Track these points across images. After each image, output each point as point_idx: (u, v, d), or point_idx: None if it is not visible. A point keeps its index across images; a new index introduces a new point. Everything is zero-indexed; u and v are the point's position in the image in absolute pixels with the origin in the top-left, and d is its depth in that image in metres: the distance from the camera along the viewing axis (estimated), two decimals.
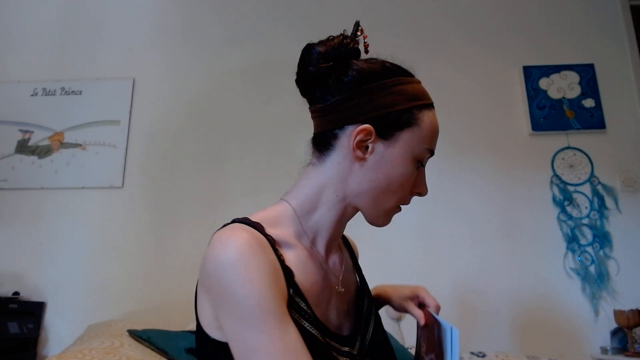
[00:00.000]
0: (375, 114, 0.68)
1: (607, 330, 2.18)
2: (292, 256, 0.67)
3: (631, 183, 2.39)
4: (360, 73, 0.70)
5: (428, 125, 0.71)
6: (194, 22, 2.76)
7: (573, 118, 2.48)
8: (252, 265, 0.57)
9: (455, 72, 2.61)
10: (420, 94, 0.72)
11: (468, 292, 2.28)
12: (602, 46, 2.61)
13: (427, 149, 0.71)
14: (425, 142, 0.70)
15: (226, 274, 0.56)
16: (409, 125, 0.69)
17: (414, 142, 0.69)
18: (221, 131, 2.56)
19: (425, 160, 0.73)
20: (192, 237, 2.35)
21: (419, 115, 0.70)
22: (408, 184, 0.70)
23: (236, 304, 0.56)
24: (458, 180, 2.44)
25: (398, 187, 0.69)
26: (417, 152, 0.70)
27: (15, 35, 2.75)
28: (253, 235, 0.61)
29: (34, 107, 2.60)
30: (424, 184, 0.73)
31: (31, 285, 2.31)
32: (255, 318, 0.55)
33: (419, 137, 0.70)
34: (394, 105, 0.69)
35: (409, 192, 0.72)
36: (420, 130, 0.70)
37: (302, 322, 0.61)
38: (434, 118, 0.73)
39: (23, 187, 2.47)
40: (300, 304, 0.63)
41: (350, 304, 0.77)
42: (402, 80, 0.71)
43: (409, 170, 0.70)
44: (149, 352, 1.64)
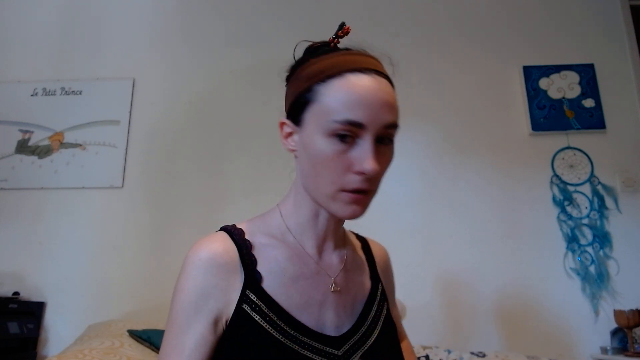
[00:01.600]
0: (287, 105, 0.71)
1: (607, 330, 2.18)
2: (273, 258, 0.70)
3: (631, 183, 2.39)
4: (290, 68, 0.72)
5: (333, 94, 0.64)
6: (194, 22, 2.76)
7: (573, 118, 2.48)
8: (192, 279, 0.66)
9: (456, 72, 2.61)
10: (327, 66, 0.66)
11: (468, 292, 2.28)
12: (602, 46, 2.61)
13: (338, 121, 0.62)
14: (332, 114, 0.63)
15: (178, 279, 0.68)
16: (308, 104, 0.66)
17: (319, 118, 0.64)
18: (221, 131, 2.56)
19: (347, 132, 0.63)
20: (192, 237, 2.33)
21: (319, 89, 0.65)
22: (332, 163, 0.63)
23: (172, 302, 0.67)
24: (458, 180, 2.44)
25: (322, 168, 0.64)
26: (327, 127, 0.63)
27: (15, 35, 2.75)
28: (216, 253, 0.67)
29: (34, 107, 2.60)
30: (365, 159, 0.62)
31: (31, 285, 2.32)
32: (171, 322, 0.66)
33: (322, 111, 0.64)
34: (297, 90, 0.68)
35: (343, 171, 0.63)
36: (321, 104, 0.64)
37: (264, 324, 0.64)
38: (348, 84, 0.64)
39: (23, 187, 2.47)
40: (262, 307, 0.65)
41: (356, 306, 0.75)
42: (313, 61, 0.68)
43: (326, 149, 0.63)
44: (149, 352, 1.64)
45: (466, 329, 2.24)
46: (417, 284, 2.25)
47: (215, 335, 0.65)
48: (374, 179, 0.65)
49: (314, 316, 0.69)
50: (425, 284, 2.28)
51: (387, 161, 0.67)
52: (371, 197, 0.67)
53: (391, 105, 0.65)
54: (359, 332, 0.72)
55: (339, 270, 0.75)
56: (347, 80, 0.64)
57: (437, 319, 2.25)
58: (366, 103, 0.63)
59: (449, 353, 1.93)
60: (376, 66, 0.68)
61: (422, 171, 2.47)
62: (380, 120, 0.63)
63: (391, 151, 0.68)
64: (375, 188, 0.67)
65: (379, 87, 0.64)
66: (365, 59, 0.68)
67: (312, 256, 0.73)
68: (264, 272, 0.68)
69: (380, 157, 0.65)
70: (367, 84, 0.64)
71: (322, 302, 0.70)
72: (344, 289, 0.74)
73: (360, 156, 0.63)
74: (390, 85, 0.68)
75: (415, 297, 2.11)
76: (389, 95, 0.65)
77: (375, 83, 0.65)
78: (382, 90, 0.65)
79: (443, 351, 1.94)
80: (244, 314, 0.65)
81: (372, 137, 0.63)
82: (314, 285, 0.70)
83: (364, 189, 0.64)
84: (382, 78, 0.67)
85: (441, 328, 2.24)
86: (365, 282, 0.79)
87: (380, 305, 0.79)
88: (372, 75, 0.65)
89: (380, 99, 0.64)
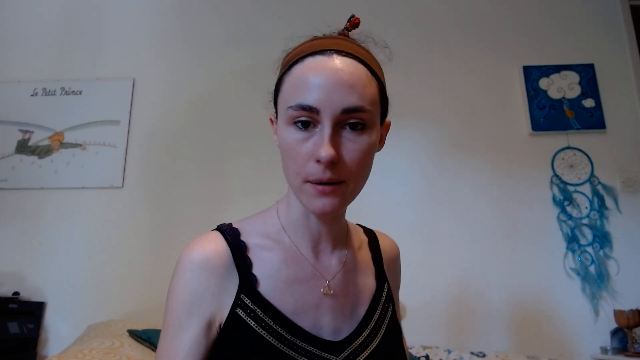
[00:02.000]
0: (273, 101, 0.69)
1: (607, 330, 2.18)
2: (268, 260, 0.67)
3: (631, 183, 2.39)
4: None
5: (290, 81, 0.62)
6: (194, 22, 2.76)
7: (573, 118, 2.48)
8: (184, 282, 0.64)
9: (456, 72, 2.61)
10: (294, 54, 0.65)
11: (468, 291, 2.28)
12: (602, 46, 2.61)
13: (292, 107, 0.60)
14: (288, 100, 0.61)
15: (171, 280, 0.66)
16: (277, 96, 0.66)
17: (281, 108, 0.63)
18: (221, 131, 2.56)
19: (303, 118, 0.59)
20: (192, 237, 2.31)
21: (284, 78, 0.64)
22: (294, 153, 0.60)
23: (166, 304, 0.66)
24: (458, 180, 2.44)
25: (288, 159, 0.61)
26: (286, 115, 0.61)
27: (15, 35, 2.75)
28: (208, 255, 0.65)
29: (34, 107, 2.60)
30: (320, 144, 0.58)
31: (31, 285, 2.32)
32: (165, 324, 0.65)
33: (283, 100, 0.63)
34: (275, 85, 0.67)
35: (305, 160, 0.59)
36: (283, 92, 0.63)
37: (260, 330, 0.63)
38: (304, 68, 0.61)
39: (23, 187, 2.47)
40: (257, 312, 0.64)
41: (356, 309, 0.71)
42: (290, 52, 0.67)
43: (287, 138, 0.61)
44: (149, 352, 1.64)
45: (466, 329, 2.24)
46: (417, 284, 2.24)
47: (208, 338, 0.64)
48: (342, 169, 0.59)
49: (310, 321, 0.66)
50: (425, 284, 2.28)
51: (358, 149, 0.60)
52: (346, 190, 0.61)
53: (350, 86, 0.58)
54: (361, 336, 0.69)
55: (336, 272, 0.71)
56: (304, 64, 0.61)
57: (437, 319, 2.25)
58: (319, 85, 0.58)
59: (449, 353, 1.93)
60: (341, 46, 0.62)
61: (422, 171, 2.47)
62: (336, 102, 0.58)
63: (364, 140, 0.60)
64: (347, 179, 0.60)
65: (335, 67, 0.59)
66: (331, 41, 0.63)
67: (307, 258, 0.70)
68: (259, 275, 0.66)
69: (346, 144, 0.59)
70: (322, 65, 0.59)
71: (318, 306, 0.67)
72: (343, 292, 0.71)
73: (318, 143, 0.58)
74: (360, 65, 0.61)
75: (415, 297, 2.11)
76: (349, 75, 0.59)
77: (332, 63, 0.60)
78: (340, 70, 0.59)
79: (443, 351, 1.94)
80: (238, 318, 0.63)
81: (329, 121, 0.58)
82: (309, 288, 0.68)
83: (329, 180, 0.58)
84: (347, 58, 0.61)
85: (441, 328, 2.24)
86: (368, 283, 0.75)
87: (385, 306, 0.75)
88: (331, 56, 0.60)
89: (335, 80, 0.58)
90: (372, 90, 0.61)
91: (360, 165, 0.60)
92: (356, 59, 0.62)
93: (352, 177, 0.60)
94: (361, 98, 0.59)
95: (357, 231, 0.81)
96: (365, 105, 0.59)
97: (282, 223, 0.71)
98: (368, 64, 0.63)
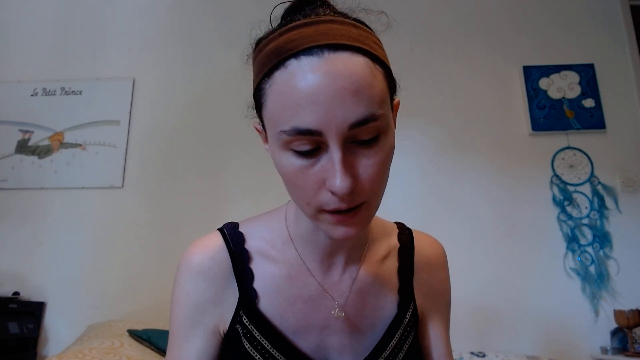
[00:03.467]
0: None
1: (607, 330, 2.18)
2: (270, 274, 0.61)
3: (631, 183, 2.39)
4: (254, 45, 0.58)
5: (276, 96, 0.47)
6: (194, 22, 2.76)
7: (573, 118, 2.48)
8: (184, 291, 0.61)
9: (456, 72, 2.61)
10: (271, 52, 0.49)
11: (467, 291, 2.28)
12: (602, 46, 2.61)
13: (286, 131, 0.46)
14: (279, 123, 0.47)
15: (173, 285, 0.63)
16: (260, 109, 0.52)
17: (270, 128, 0.50)
18: (221, 131, 2.56)
19: (302, 143, 0.47)
20: (192, 237, 2.32)
21: (265, 88, 0.49)
22: (299, 182, 0.49)
23: (170, 313, 0.63)
24: (458, 180, 2.44)
25: (292, 186, 0.50)
26: (279, 139, 0.48)
27: (15, 35, 2.75)
28: (207, 265, 0.61)
29: (34, 107, 2.60)
30: (332, 175, 0.46)
31: (31, 285, 2.31)
32: (170, 333, 0.62)
33: (271, 119, 0.49)
34: (253, 85, 0.53)
35: (315, 189, 0.48)
36: (268, 109, 0.49)
37: (254, 353, 0.58)
38: (290, 78, 0.46)
39: (23, 187, 2.47)
40: (254, 333, 0.59)
41: (370, 332, 0.63)
42: (264, 43, 0.52)
43: (287, 164, 0.49)
44: (149, 352, 1.64)
45: (466, 329, 2.24)
46: None
47: (215, 346, 0.61)
48: (361, 190, 0.48)
49: (313, 341, 0.60)
50: None
51: (375, 163, 0.49)
52: (366, 211, 0.51)
53: (354, 93, 0.45)
54: None
55: (347, 291, 0.62)
56: (288, 72, 0.46)
57: None
58: (315, 100, 0.44)
59: None
60: (330, 35, 0.47)
61: (422, 171, 2.47)
62: (341, 118, 0.45)
63: (381, 149, 0.49)
64: (367, 198, 0.50)
65: (331, 72, 0.45)
66: (315, 29, 0.47)
67: (315, 274, 0.62)
68: (260, 289, 0.61)
69: (362, 161, 0.48)
70: (313, 72, 0.45)
71: (324, 328, 0.61)
72: (355, 313, 0.62)
73: (328, 170, 0.47)
74: (359, 58, 0.47)
75: None
76: (350, 79, 0.45)
77: (325, 67, 0.45)
78: (337, 74, 0.45)
79: None
80: (236, 335, 0.60)
81: (336, 142, 0.46)
82: (313, 308, 0.61)
83: (346, 208, 0.48)
84: (343, 53, 0.46)
85: None
86: (387, 303, 0.65)
87: (407, 330, 0.65)
88: (321, 55, 0.46)
89: (335, 90, 0.44)
90: (380, 85, 0.48)
91: (379, 180, 0.50)
92: (354, 49, 0.47)
93: (373, 195, 0.50)
94: (370, 104, 0.46)
95: (388, 235, 0.71)
96: (377, 111, 0.47)
97: (289, 233, 0.63)
98: (369, 50, 0.48)
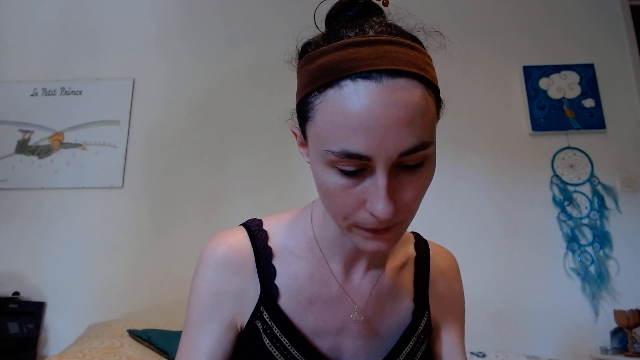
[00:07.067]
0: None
1: (607, 330, 2.18)
2: (292, 272, 0.62)
3: (631, 183, 2.39)
4: (299, 52, 0.57)
5: (326, 115, 0.47)
6: (194, 21, 2.76)
7: (573, 118, 2.48)
8: (206, 281, 0.61)
9: (456, 72, 2.61)
10: (324, 67, 0.48)
11: (467, 291, 2.27)
12: (602, 46, 2.61)
13: (334, 152, 0.46)
14: (326, 142, 0.47)
15: (194, 276, 0.63)
16: (305, 121, 0.51)
17: (316, 143, 0.49)
18: (221, 131, 2.56)
19: (348, 165, 0.47)
20: (192, 237, 2.34)
21: (314, 102, 0.48)
22: (339, 199, 0.49)
23: (188, 302, 0.63)
24: (458, 180, 2.44)
25: (330, 200, 0.51)
26: (324, 157, 0.48)
27: (15, 35, 2.75)
28: (232, 258, 0.61)
29: (34, 107, 2.60)
30: (375, 200, 0.47)
31: (31, 285, 2.31)
32: (186, 322, 0.62)
33: (317, 135, 0.49)
34: (298, 95, 0.53)
35: (355, 207, 0.49)
36: (316, 125, 0.48)
37: (273, 350, 0.59)
38: (343, 100, 0.45)
39: (23, 187, 2.47)
40: (274, 330, 0.59)
41: (385, 338, 0.64)
42: (313, 54, 0.51)
43: (328, 181, 0.49)
44: (149, 352, 1.64)
45: (466, 329, 2.23)
46: None
47: (230, 341, 0.61)
48: (399, 212, 0.49)
49: (329, 343, 0.61)
50: None
51: (417, 187, 0.50)
52: (401, 227, 0.52)
53: (408, 124, 0.45)
54: None
55: (366, 295, 0.63)
56: (343, 93, 0.46)
57: None
58: (368, 127, 0.44)
59: None
60: (389, 59, 0.46)
61: None
62: (393, 147, 0.45)
63: (424, 174, 0.50)
64: (405, 218, 0.51)
65: (387, 101, 0.44)
66: (374, 50, 0.46)
67: (337, 276, 0.62)
68: (282, 286, 0.61)
69: (405, 186, 0.49)
70: (369, 99, 0.44)
71: (340, 330, 0.62)
72: (372, 318, 0.63)
73: (371, 193, 0.47)
74: (416, 85, 0.46)
75: None
76: (405, 109, 0.45)
77: (382, 95, 0.45)
78: (393, 104, 0.45)
79: None
80: (255, 331, 0.60)
81: (384, 169, 0.46)
82: (332, 310, 0.62)
83: (384, 229, 0.50)
84: (402, 80, 0.46)
85: None
86: (403, 310, 0.66)
87: (421, 338, 0.66)
88: (381, 81, 0.45)
89: (390, 119, 0.44)
90: (431, 113, 0.48)
91: (418, 200, 0.51)
92: (411, 75, 0.46)
93: (410, 214, 0.52)
94: (421, 134, 0.46)
95: (406, 244, 0.72)
96: (426, 139, 0.47)
97: (315, 233, 0.63)
98: (425, 76, 0.48)
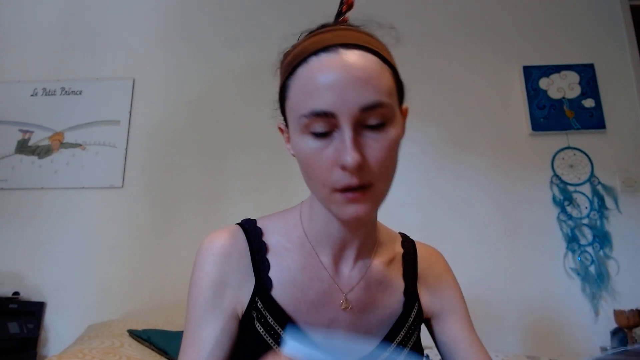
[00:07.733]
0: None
1: (607, 330, 2.18)
2: (285, 266, 0.65)
3: (631, 183, 2.39)
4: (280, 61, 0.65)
5: (297, 86, 0.57)
6: (195, 21, 2.76)
7: (573, 118, 2.48)
8: (205, 273, 0.64)
9: (456, 72, 2.61)
10: (295, 55, 0.59)
11: (467, 291, 2.28)
12: (602, 46, 2.61)
13: (305, 115, 0.55)
14: (299, 108, 0.56)
15: (193, 270, 0.66)
16: (284, 103, 0.60)
17: (292, 116, 0.58)
18: (221, 131, 2.56)
19: (319, 124, 0.54)
20: (192, 236, 2.33)
21: (289, 83, 0.58)
22: (315, 163, 0.56)
23: (188, 298, 0.65)
24: (458, 180, 2.44)
25: (309, 169, 0.57)
26: (298, 124, 0.56)
27: (15, 35, 2.75)
28: (228, 249, 0.64)
29: (34, 107, 2.60)
30: (343, 150, 0.53)
31: (31, 285, 2.31)
32: (188, 316, 0.64)
33: (292, 108, 0.58)
34: (279, 87, 0.62)
35: (329, 168, 0.55)
36: (291, 100, 0.58)
37: (266, 337, 0.61)
38: (309, 70, 0.56)
39: (23, 187, 2.47)
40: (268, 319, 0.62)
41: (375, 329, 0.67)
42: (289, 52, 0.62)
43: (304, 147, 0.56)
44: (149, 352, 1.64)
45: None
46: None
47: (235, 328, 0.62)
48: (368, 171, 0.55)
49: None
50: None
51: (382, 147, 0.55)
52: (375, 192, 0.57)
53: (364, 81, 0.53)
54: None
55: (354, 286, 0.66)
56: (309, 65, 0.56)
57: None
58: (329, 86, 0.53)
59: None
60: (344, 38, 0.57)
61: (422, 171, 2.47)
62: (352, 102, 0.53)
63: (387, 136, 0.56)
64: (375, 181, 0.56)
65: (345, 64, 0.54)
66: (332, 34, 0.57)
67: (327, 267, 0.66)
68: (275, 279, 0.64)
69: (370, 144, 0.55)
70: (329, 64, 0.54)
71: (332, 321, 0.64)
72: (363, 308, 0.66)
73: (340, 150, 0.54)
74: (369, 56, 0.56)
75: None
76: (361, 70, 0.54)
77: (340, 60, 0.54)
78: (350, 66, 0.54)
79: None
80: (251, 321, 0.62)
81: (348, 124, 0.53)
82: (323, 301, 0.65)
83: (356, 185, 0.54)
84: (355, 50, 0.55)
85: None
86: (393, 302, 0.70)
87: (412, 329, 0.70)
88: (337, 51, 0.55)
89: (347, 78, 0.53)
90: (387, 80, 0.57)
91: (386, 164, 0.56)
92: (364, 49, 0.56)
93: (380, 178, 0.56)
94: (378, 92, 0.54)
95: (393, 242, 0.76)
96: (384, 99, 0.55)
97: (304, 228, 0.68)
98: (378, 52, 0.57)
